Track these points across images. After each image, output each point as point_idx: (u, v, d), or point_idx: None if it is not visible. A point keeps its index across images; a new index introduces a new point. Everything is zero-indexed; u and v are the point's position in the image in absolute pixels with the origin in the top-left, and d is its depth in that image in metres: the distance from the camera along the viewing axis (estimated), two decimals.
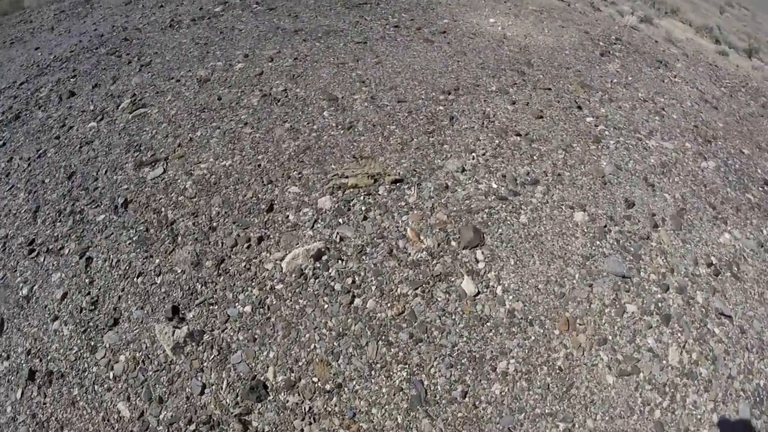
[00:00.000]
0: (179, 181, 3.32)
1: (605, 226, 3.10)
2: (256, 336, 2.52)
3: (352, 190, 3.12)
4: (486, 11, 5.85)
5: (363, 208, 3.02)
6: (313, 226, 2.96)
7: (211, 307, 2.64)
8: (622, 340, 2.59)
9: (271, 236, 2.94)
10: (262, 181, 3.19)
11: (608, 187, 3.37)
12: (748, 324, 2.77)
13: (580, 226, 3.08)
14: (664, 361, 2.56)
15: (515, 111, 3.92)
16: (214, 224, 3.02)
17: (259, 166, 3.31)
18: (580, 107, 4.08)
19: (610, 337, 2.60)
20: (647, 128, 4.02)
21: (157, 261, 2.87)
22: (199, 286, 2.74)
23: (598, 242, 3.01)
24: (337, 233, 2.92)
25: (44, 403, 2.45)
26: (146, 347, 2.53)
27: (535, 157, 3.47)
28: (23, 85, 4.87)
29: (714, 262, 3.02)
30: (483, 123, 3.73)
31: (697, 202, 3.40)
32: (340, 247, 2.85)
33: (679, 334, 2.66)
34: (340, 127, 3.61)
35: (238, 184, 3.23)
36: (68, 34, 5.87)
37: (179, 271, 2.80)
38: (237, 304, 2.65)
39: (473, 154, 3.44)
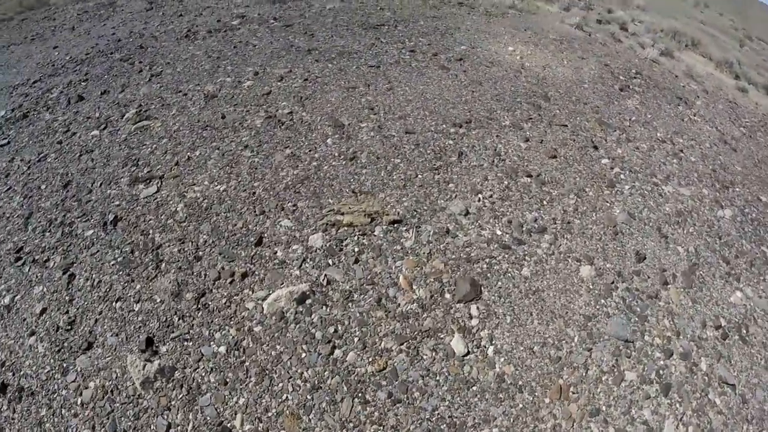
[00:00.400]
0: (171, 202, 3.14)
1: (612, 283, 2.86)
2: (227, 379, 2.32)
3: (346, 228, 2.88)
4: (506, 39, 5.59)
5: (356, 249, 2.78)
6: (301, 266, 2.75)
7: (186, 343, 2.45)
8: (616, 412, 2.35)
9: (257, 272, 2.74)
10: (255, 211, 2.97)
11: (619, 238, 3.12)
12: (751, 393, 2.53)
13: (586, 282, 2.83)
14: None
15: (528, 149, 3.64)
16: (200, 253, 2.84)
17: (254, 194, 3.09)
18: (596, 147, 3.79)
19: (604, 408, 2.35)
20: (664, 172, 3.71)
21: (138, 287, 2.69)
22: (177, 319, 2.55)
23: (603, 300, 2.77)
24: (325, 275, 2.71)
25: (13, 419, 2.30)
26: (117, 377, 2.36)
27: (545, 202, 3.19)
28: (36, 84, 4.75)
29: (723, 324, 2.78)
30: (493, 161, 3.46)
31: (710, 257, 3.14)
32: (326, 291, 2.64)
33: (677, 405, 2.42)
34: (342, 157, 3.38)
35: (229, 212, 3.04)
36: (87, 36, 5.76)
37: (158, 300, 2.62)
38: (212, 342, 2.46)
39: (479, 195, 3.17)
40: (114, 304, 2.62)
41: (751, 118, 5.10)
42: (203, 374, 2.34)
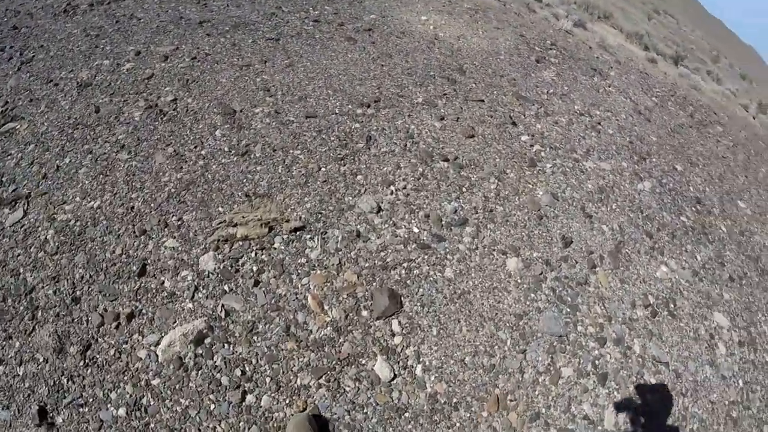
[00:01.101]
0: (40, 229, 2.57)
1: (541, 274, 2.64)
2: None
3: (241, 243, 2.39)
4: (418, 7, 5.01)
5: (254, 268, 2.33)
6: (193, 297, 2.33)
7: (81, 410, 2.01)
8: (556, 412, 2.20)
9: (144, 311, 2.28)
10: (134, 232, 2.46)
11: (544, 223, 2.88)
12: (684, 366, 2.49)
13: (514, 276, 2.60)
14: (599, 427, 2.21)
15: (443, 129, 3.21)
16: (78, 293, 2.33)
17: (132, 208, 2.54)
18: (515, 123, 3.42)
19: (543, 410, 2.19)
20: (584, 146, 3.44)
21: (18, 344, 2.18)
22: (65, 381, 2.08)
23: (532, 295, 2.55)
24: (222, 306, 2.31)
25: None
26: None
27: (464, 189, 2.82)
28: None
29: (651, 302, 2.68)
30: (406, 145, 3.01)
31: (634, 232, 2.99)
32: (225, 326, 2.25)
33: (615, 393, 2.31)
34: (233, 152, 2.84)
35: (106, 236, 2.54)
36: None
37: (41, 359, 2.13)
38: (109, 405, 2.02)
39: (392, 187, 2.74)
40: None
41: (661, 88, 5.01)
42: None
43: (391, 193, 2.79)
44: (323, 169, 2.86)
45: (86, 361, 2.13)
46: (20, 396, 2.05)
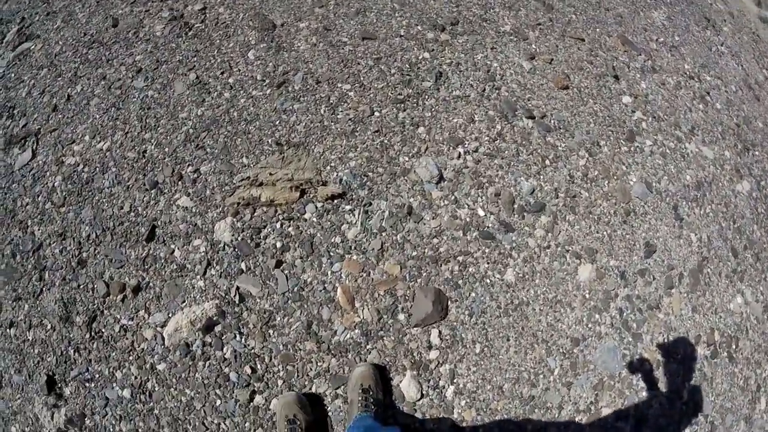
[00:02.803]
0: (48, 174, 2.06)
1: (613, 290, 1.90)
2: (139, 430, 1.62)
3: (265, 209, 1.70)
4: None
5: (278, 244, 1.69)
6: (205, 273, 1.81)
7: (88, 385, 1.68)
8: None
9: (151, 284, 1.80)
10: (145, 184, 1.91)
11: (631, 221, 2.06)
12: (721, 419, 1.87)
13: (582, 289, 1.88)
14: None
15: (533, 72, 2.25)
16: (84, 254, 1.87)
17: (144, 153, 1.96)
18: (617, 77, 2.43)
19: None
20: (689, 122, 2.49)
21: (27, 307, 1.81)
22: (72, 352, 1.73)
23: (597, 316, 1.85)
24: (237, 288, 1.79)
25: None
26: (32, 423, 1.66)
27: (547, 162, 1.99)
28: None
29: (716, 340, 1.97)
30: (484, 89, 2.12)
31: (721, 248, 2.14)
32: (239, 313, 1.75)
33: None
34: (267, 81, 2.09)
35: (114, 186, 2.01)
36: None
37: (49, 326, 1.77)
38: (115, 384, 1.68)
39: (460, 148, 1.92)
40: (8, 330, 1.79)
41: None
42: (114, 422, 1.64)
43: (459, 156, 1.95)
44: (377, 113, 2.05)
45: (92, 333, 1.75)
46: (30, 362, 1.75)
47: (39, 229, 1.93)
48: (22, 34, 2.63)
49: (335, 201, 1.83)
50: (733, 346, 2.00)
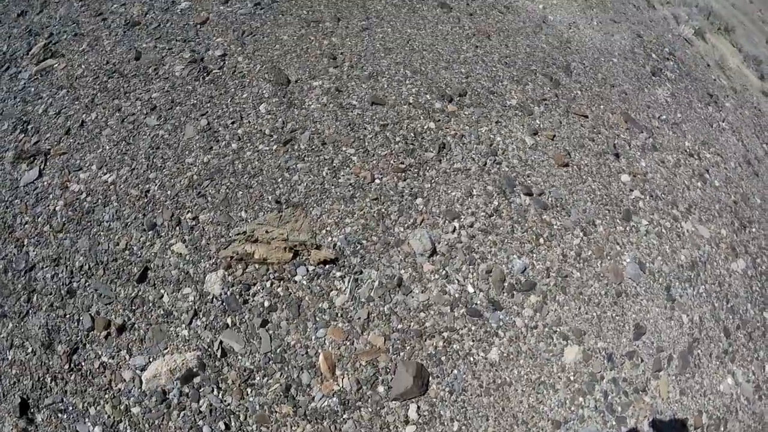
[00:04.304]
0: (52, 197, 2.05)
1: (599, 372, 1.86)
2: None
3: (257, 266, 1.65)
4: None
5: (266, 303, 1.67)
6: (190, 323, 1.78)
7: (60, 416, 1.62)
8: None
9: (136, 326, 1.76)
10: (144, 224, 1.90)
11: (622, 302, 2.05)
12: None
13: (567, 371, 1.85)
14: None
15: (534, 148, 2.28)
16: (75, 285, 1.84)
17: (147, 192, 1.93)
18: (617, 155, 2.48)
19: None
20: (687, 200, 2.54)
21: (11, 326, 1.77)
22: (49, 380, 1.68)
23: (581, 399, 1.80)
24: (221, 343, 1.75)
25: None
26: None
27: (542, 240, 1.98)
28: None
29: (704, 422, 1.92)
30: (485, 163, 2.15)
31: (713, 328, 2.14)
32: (219, 368, 1.70)
33: None
34: (275, 137, 2.10)
35: (113, 221, 2.00)
36: None
37: (30, 350, 1.73)
38: (87, 419, 1.61)
39: (456, 222, 1.92)
40: None
41: None
42: None
43: (454, 230, 1.95)
44: (378, 180, 2.05)
45: (71, 365, 1.69)
46: (7, 381, 1.67)
47: (34, 251, 1.90)
48: (48, 50, 2.65)
49: (327, 266, 1.82)
50: (722, 429, 1.96)
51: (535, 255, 2.01)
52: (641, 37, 3.58)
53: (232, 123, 2.20)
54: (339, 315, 1.74)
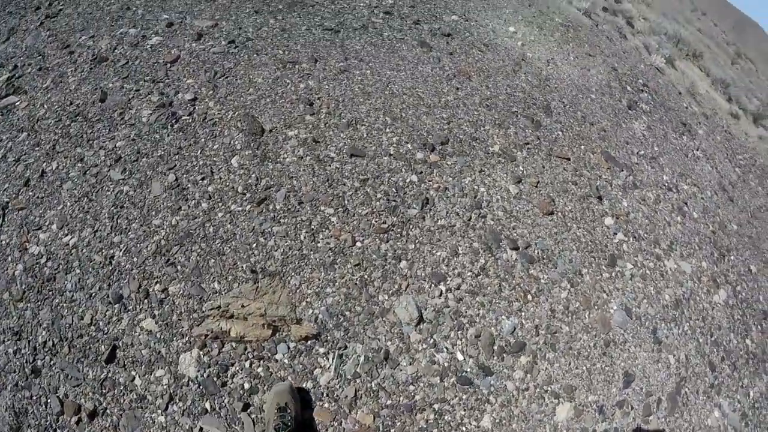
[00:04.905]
0: (10, 260, 1.88)
1: (591, 427, 1.82)
2: None
3: (234, 345, 1.50)
4: (507, 14, 3.72)
5: (246, 385, 1.57)
6: (166, 408, 1.64)
7: None
8: None
9: (108, 412, 1.61)
10: (109, 296, 1.73)
11: (610, 352, 2.03)
12: None
13: (559, 430, 1.79)
14: None
15: (519, 197, 2.22)
16: (39, 363, 1.68)
17: (111, 259, 1.76)
18: (600, 197, 2.40)
19: None
20: (668, 237, 2.55)
21: None
22: None
23: None
24: (200, 429, 1.63)
25: None
26: None
27: (530, 296, 1.92)
28: None
29: None
30: (470, 218, 2.07)
31: (699, 364, 2.16)
32: None
33: None
34: (248, 196, 1.96)
35: (77, 292, 1.83)
36: None
37: None
38: None
39: (442, 285, 1.84)
40: None
41: (743, 155, 3.88)
42: None
43: (440, 294, 1.87)
44: (359, 243, 1.94)
45: None
46: None
47: None
48: (11, 85, 2.43)
49: (309, 341, 1.70)
50: None
51: (523, 313, 1.95)
52: (616, 70, 3.60)
53: (202, 179, 2.04)
54: (325, 395, 1.63)
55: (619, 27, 4.52)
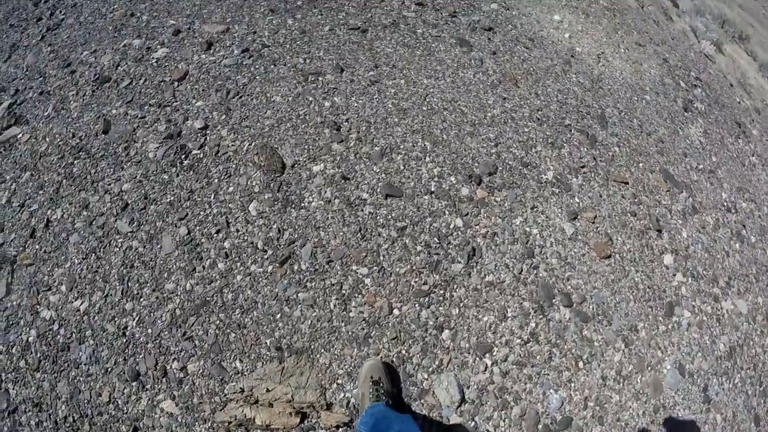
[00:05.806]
0: (22, 323, 1.70)
1: None
2: None
3: None
4: None
5: None
6: None
7: None
8: None
9: None
10: (125, 372, 1.60)
11: (659, 419, 1.73)
12: None
13: None
14: None
15: (574, 238, 1.90)
16: None
17: (125, 330, 1.61)
18: (660, 230, 2.02)
19: None
20: (726, 272, 2.14)
21: None
22: None
23: None
24: None
25: None
26: None
27: (581, 363, 1.64)
28: None
29: None
30: (521, 270, 1.79)
31: (744, 420, 1.84)
32: None
33: None
34: (269, 252, 1.72)
35: (92, 365, 1.65)
36: None
37: None
38: None
39: (488, 357, 1.59)
40: None
41: None
42: None
43: (485, 369, 1.62)
44: (396, 311, 1.68)
45: None
46: None
47: (14, 389, 1.60)
48: (12, 114, 2.19)
49: (340, 430, 1.51)
50: None
51: (573, 384, 1.68)
52: (668, 62, 3.00)
53: (217, 232, 1.77)
54: None
55: (665, 8, 3.85)
